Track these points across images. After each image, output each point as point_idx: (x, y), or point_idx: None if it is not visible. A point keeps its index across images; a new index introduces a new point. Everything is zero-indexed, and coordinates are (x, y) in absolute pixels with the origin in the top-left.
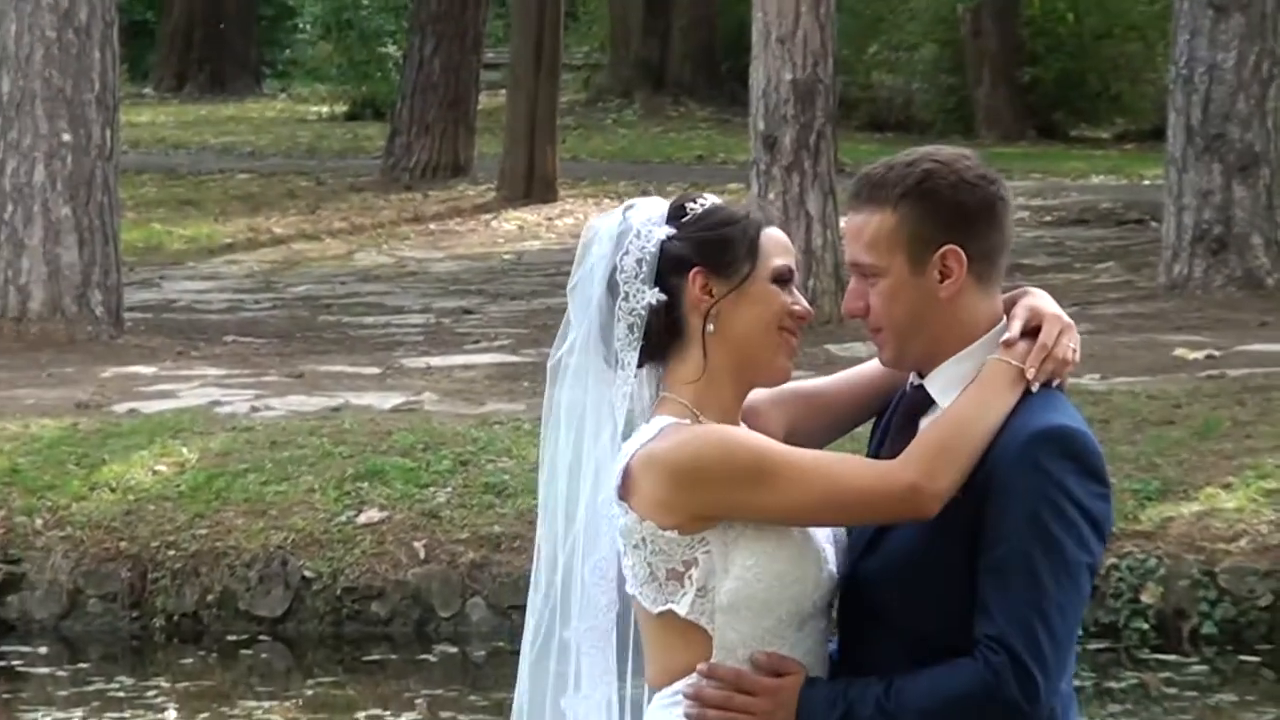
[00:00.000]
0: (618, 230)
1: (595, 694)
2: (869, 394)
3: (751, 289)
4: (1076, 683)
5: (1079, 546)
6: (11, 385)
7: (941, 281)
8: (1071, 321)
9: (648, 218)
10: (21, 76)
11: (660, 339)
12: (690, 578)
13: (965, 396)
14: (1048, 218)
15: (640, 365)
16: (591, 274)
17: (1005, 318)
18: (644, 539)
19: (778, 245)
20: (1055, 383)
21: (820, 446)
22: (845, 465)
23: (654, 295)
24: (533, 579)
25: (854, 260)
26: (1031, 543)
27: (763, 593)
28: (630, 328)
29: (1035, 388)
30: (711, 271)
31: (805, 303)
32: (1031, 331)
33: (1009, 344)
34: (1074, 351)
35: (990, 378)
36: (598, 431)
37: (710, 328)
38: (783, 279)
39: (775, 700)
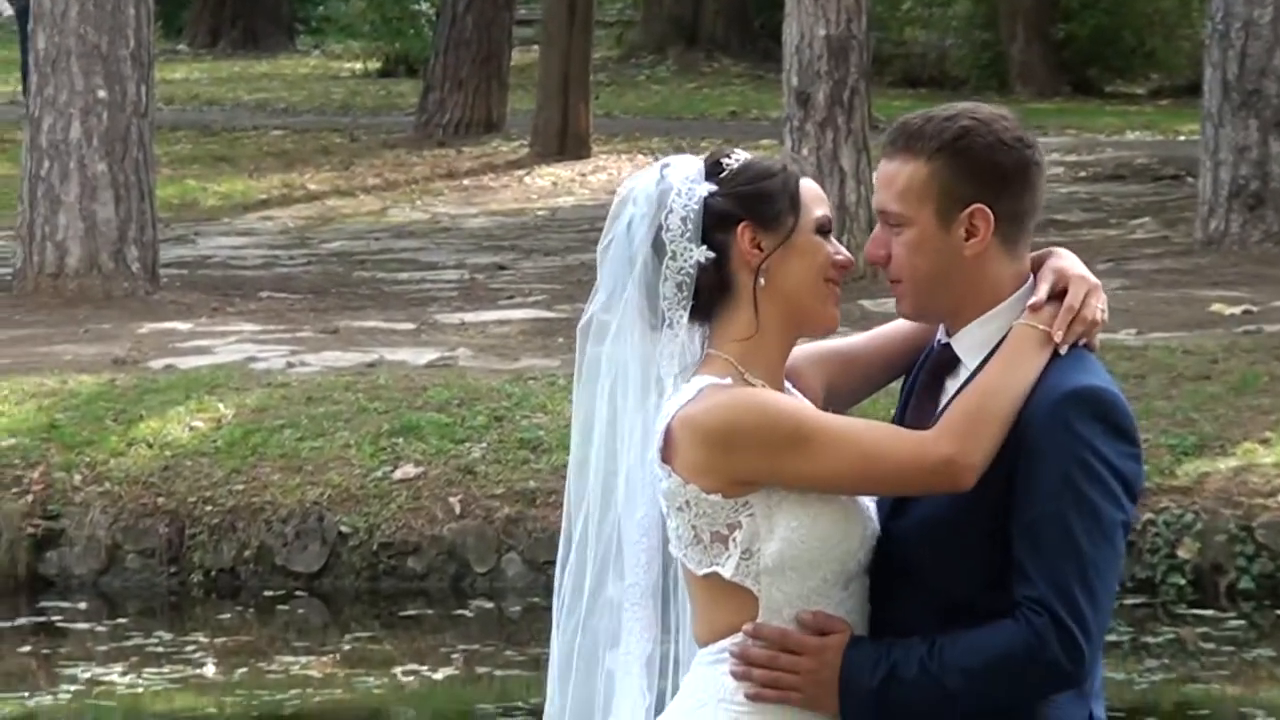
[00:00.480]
0: (657, 190)
1: (635, 651)
2: (903, 350)
3: (798, 241)
4: (1114, 638)
5: (1113, 506)
6: (49, 341)
7: (967, 239)
8: (1098, 282)
9: (686, 175)
10: (57, 33)
11: (710, 296)
12: (734, 540)
13: (994, 364)
14: (1083, 173)
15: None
16: (631, 234)
17: (1032, 278)
18: (687, 502)
19: (815, 196)
20: (1083, 342)
21: (857, 403)
22: (882, 436)
23: (702, 253)
24: (565, 535)
25: (881, 207)
26: (1065, 504)
27: (808, 554)
28: (679, 286)
29: (1064, 350)
30: (759, 225)
31: (847, 252)
32: (1058, 294)
33: (1036, 307)
34: (1102, 312)
35: (1017, 343)
36: (644, 391)
37: (761, 282)
38: (824, 229)
39: (820, 659)
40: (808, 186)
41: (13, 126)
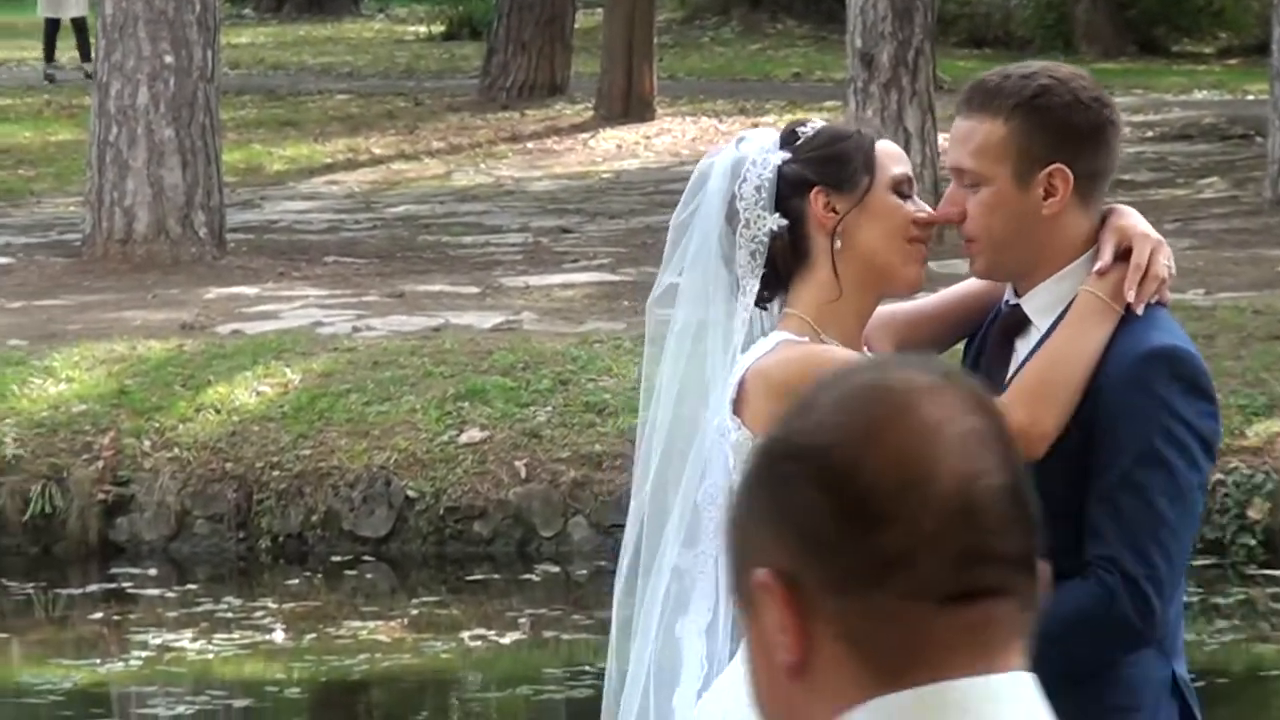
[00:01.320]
0: (732, 161)
1: (700, 619)
2: (970, 311)
3: (873, 202)
4: (1183, 599)
5: (1190, 467)
6: (118, 307)
7: (1045, 199)
8: (1161, 238)
9: (761, 145)
10: None
11: (785, 263)
12: None
13: (1061, 331)
14: (1150, 133)
15: (769, 299)
16: (709, 208)
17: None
18: None
19: (892, 156)
20: (1155, 299)
21: None
22: None
23: (775, 221)
24: (635, 499)
25: (957, 165)
26: (1142, 465)
27: None
28: (753, 255)
29: (1140, 310)
30: (832, 189)
31: (929, 209)
32: (1123, 254)
33: (1102, 271)
34: (1169, 268)
35: (1083, 310)
36: (722, 358)
37: (838, 244)
38: (902, 189)
39: None
40: (885, 147)
41: (81, 92)
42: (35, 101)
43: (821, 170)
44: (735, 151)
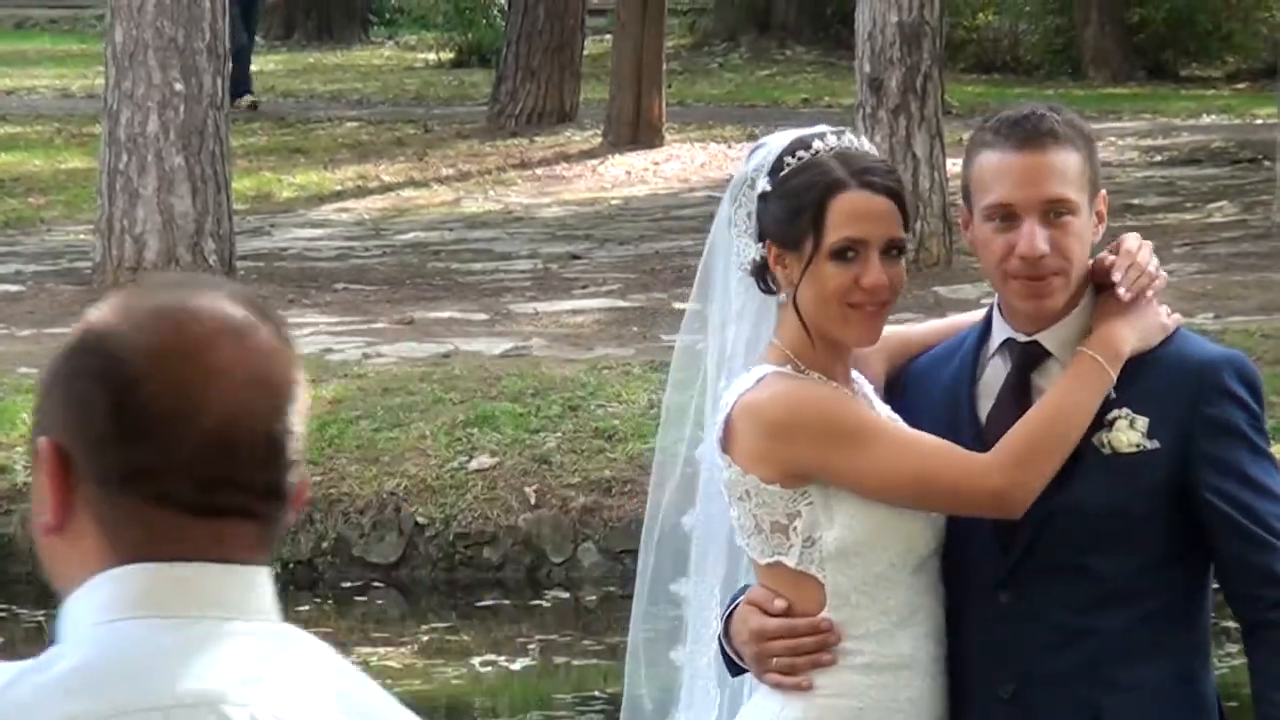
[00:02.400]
0: (736, 178)
1: (705, 647)
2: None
3: (814, 267)
4: (1211, 613)
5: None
6: None
7: (1097, 225)
8: (1146, 241)
9: (760, 164)
10: (134, 26)
11: (768, 289)
12: (795, 529)
13: (1056, 392)
14: (1158, 158)
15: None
16: (717, 224)
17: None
18: (747, 491)
19: (846, 215)
20: (1151, 294)
21: None
22: (939, 453)
23: (759, 251)
24: (646, 526)
25: (1051, 196)
26: (1255, 463)
27: (870, 538)
28: (740, 280)
29: (1128, 297)
30: (781, 246)
31: (878, 274)
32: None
33: (1114, 273)
34: (1157, 267)
35: (1080, 371)
36: (716, 380)
37: (782, 297)
38: (843, 253)
39: None
40: (842, 203)
41: (91, 120)
42: (45, 129)
43: (773, 225)
44: (744, 165)
